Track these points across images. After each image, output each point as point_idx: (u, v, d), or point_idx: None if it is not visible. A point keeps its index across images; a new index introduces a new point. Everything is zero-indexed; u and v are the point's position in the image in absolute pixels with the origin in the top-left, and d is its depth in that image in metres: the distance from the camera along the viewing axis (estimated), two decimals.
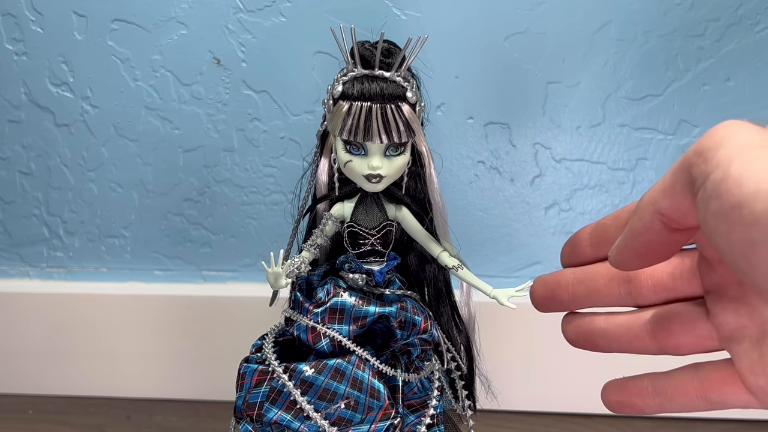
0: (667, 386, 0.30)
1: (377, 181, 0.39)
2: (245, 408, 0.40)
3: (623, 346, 0.33)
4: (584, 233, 0.34)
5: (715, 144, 0.23)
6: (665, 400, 0.30)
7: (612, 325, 0.33)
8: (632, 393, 0.32)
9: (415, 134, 0.38)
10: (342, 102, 0.37)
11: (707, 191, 0.22)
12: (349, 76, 0.38)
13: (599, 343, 0.33)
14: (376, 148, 0.38)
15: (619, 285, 0.32)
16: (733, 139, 0.23)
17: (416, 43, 0.37)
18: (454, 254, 0.42)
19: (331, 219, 0.41)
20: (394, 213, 0.42)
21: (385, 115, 0.37)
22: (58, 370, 0.71)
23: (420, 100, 0.39)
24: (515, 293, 0.40)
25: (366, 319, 0.40)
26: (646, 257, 0.28)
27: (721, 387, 0.28)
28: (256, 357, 0.42)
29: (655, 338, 0.31)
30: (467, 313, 0.46)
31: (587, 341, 0.34)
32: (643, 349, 0.32)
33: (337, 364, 0.39)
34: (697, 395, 0.29)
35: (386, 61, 0.37)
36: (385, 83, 0.37)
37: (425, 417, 0.41)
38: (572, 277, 0.34)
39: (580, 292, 0.33)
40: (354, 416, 0.39)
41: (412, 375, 0.42)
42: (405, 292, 0.43)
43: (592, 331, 0.34)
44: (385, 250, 0.42)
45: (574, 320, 0.35)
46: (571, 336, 0.35)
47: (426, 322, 0.41)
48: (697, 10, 0.58)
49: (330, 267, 0.44)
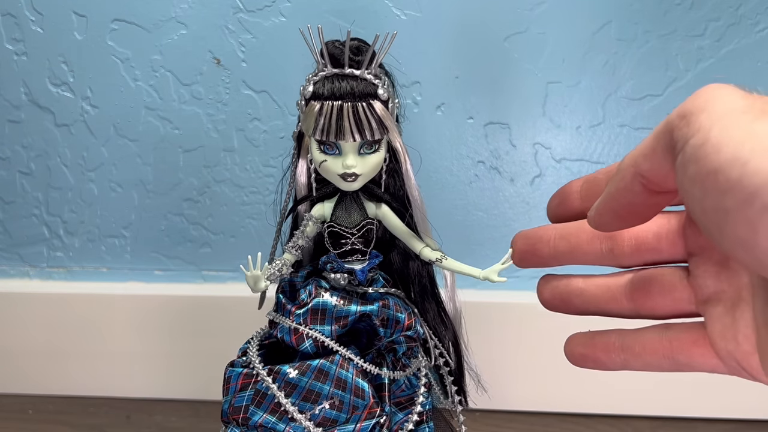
0: (635, 343, 0.30)
1: (353, 180, 0.39)
2: (231, 412, 0.40)
3: (599, 307, 0.32)
4: (575, 186, 0.34)
5: (698, 108, 0.22)
6: (631, 357, 0.30)
7: (590, 286, 0.33)
8: (598, 347, 0.31)
9: (388, 131, 0.38)
10: (314, 102, 0.37)
11: (686, 155, 0.22)
12: (319, 76, 0.38)
13: (575, 303, 0.33)
14: (349, 146, 0.38)
15: (601, 242, 0.32)
16: (716, 103, 0.22)
17: (385, 39, 0.37)
18: (436, 248, 0.42)
19: (311, 220, 0.41)
20: (374, 211, 0.42)
21: (356, 113, 0.37)
22: (58, 370, 0.71)
23: (393, 97, 0.39)
24: (501, 266, 0.40)
25: (348, 318, 0.40)
26: (626, 219, 0.28)
27: (689, 349, 0.28)
28: (241, 361, 0.42)
29: (633, 299, 0.31)
30: (453, 309, 0.46)
31: (563, 301, 0.34)
32: (619, 310, 0.32)
33: (320, 365, 0.39)
34: (664, 354, 0.29)
35: (356, 59, 0.37)
36: (355, 81, 0.37)
37: (413, 414, 0.41)
38: (554, 232, 0.33)
39: (562, 247, 0.33)
40: (339, 416, 0.39)
41: (398, 372, 0.42)
42: (388, 290, 0.43)
43: (568, 292, 0.33)
44: (367, 248, 0.42)
45: (550, 281, 0.34)
46: (547, 296, 0.34)
47: (410, 319, 0.41)
48: (697, 10, 0.58)
49: (313, 268, 0.43)
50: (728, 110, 0.22)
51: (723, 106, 0.22)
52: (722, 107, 0.22)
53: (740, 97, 0.22)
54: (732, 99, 0.22)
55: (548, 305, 0.34)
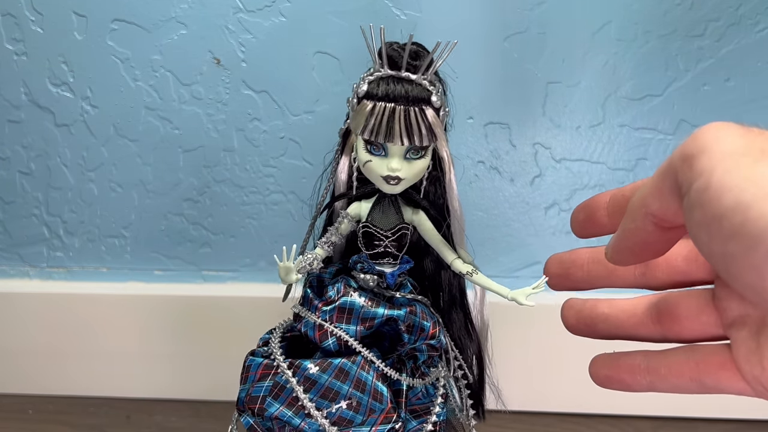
0: (661, 365, 0.30)
1: (395, 183, 0.39)
2: (248, 401, 0.39)
3: (625, 331, 0.32)
4: (601, 200, 0.33)
5: (699, 149, 0.23)
6: (657, 380, 0.30)
7: (615, 310, 0.32)
8: (623, 369, 0.31)
9: (437, 139, 0.38)
10: (366, 101, 0.37)
11: (691, 199, 0.22)
12: (375, 76, 0.37)
13: (600, 328, 0.33)
14: (396, 149, 0.38)
15: (635, 267, 0.32)
16: (715, 144, 0.22)
17: (445, 47, 0.37)
18: (469, 261, 0.42)
19: (347, 218, 0.41)
20: (410, 216, 0.42)
21: (408, 118, 0.37)
22: (58, 370, 0.71)
23: (445, 105, 0.39)
24: (532, 291, 0.39)
25: (374, 320, 0.40)
26: (641, 255, 0.28)
27: (716, 372, 0.28)
28: (262, 351, 0.42)
29: (660, 323, 0.31)
30: (480, 322, 0.46)
31: (588, 326, 0.34)
32: (645, 334, 0.31)
33: (341, 364, 0.39)
34: (691, 377, 0.29)
35: (413, 64, 0.37)
36: (410, 86, 0.37)
37: (427, 423, 0.41)
38: (588, 255, 0.34)
39: (596, 271, 0.33)
40: (355, 417, 0.38)
41: (417, 380, 0.41)
42: (416, 297, 0.43)
43: (594, 316, 0.33)
44: (399, 252, 0.42)
45: (575, 305, 0.34)
46: (572, 321, 0.34)
47: (434, 328, 0.41)
48: (697, 10, 0.58)
49: (342, 266, 0.43)
50: (728, 152, 0.22)
51: (722, 147, 0.22)
52: (722, 149, 0.22)
53: (739, 136, 0.22)
54: (731, 140, 0.22)
55: (573, 330, 0.35)
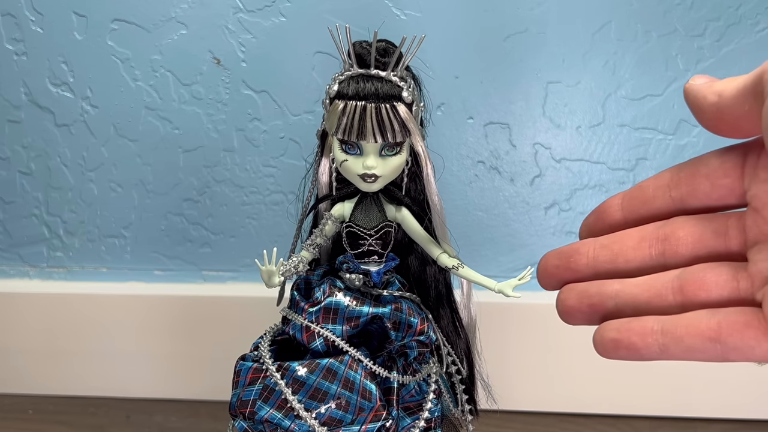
0: (677, 326, 0.27)
1: (372, 181, 0.39)
2: (239, 405, 0.40)
3: (637, 307, 0.29)
4: (613, 201, 0.32)
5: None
6: (671, 342, 0.27)
7: (628, 285, 0.30)
8: (634, 331, 0.28)
9: (411, 134, 0.38)
10: (338, 101, 0.37)
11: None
12: (345, 76, 0.38)
13: (608, 306, 0.30)
14: (370, 147, 0.38)
15: (651, 245, 0.29)
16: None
17: (412, 42, 0.37)
18: (454, 255, 0.42)
19: (330, 219, 0.41)
20: (393, 214, 0.42)
21: (379, 115, 0.37)
22: (58, 370, 0.71)
23: (418, 100, 0.39)
24: (518, 282, 0.39)
25: (359, 319, 0.40)
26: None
27: (741, 330, 0.26)
28: (252, 355, 0.42)
29: (682, 293, 0.28)
30: (467, 317, 0.46)
31: (592, 307, 0.30)
32: (662, 307, 0.28)
33: (329, 364, 0.39)
34: (711, 337, 0.26)
35: (382, 60, 0.37)
36: (380, 83, 0.37)
37: (420, 420, 0.41)
38: (593, 243, 0.31)
39: (603, 256, 0.31)
40: (345, 417, 0.39)
41: (408, 377, 0.42)
42: (403, 294, 0.43)
43: (601, 294, 0.30)
44: (384, 251, 0.42)
45: (577, 287, 0.31)
46: (572, 303, 0.31)
47: (422, 324, 0.41)
48: (697, 10, 0.58)
49: (330, 267, 0.44)
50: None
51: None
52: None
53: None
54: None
55: (571, 313, 0.31)
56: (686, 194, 0.29)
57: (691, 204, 0.29)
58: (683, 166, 0.30)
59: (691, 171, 0.29)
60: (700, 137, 0.61)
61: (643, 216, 0.31)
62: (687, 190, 0.29)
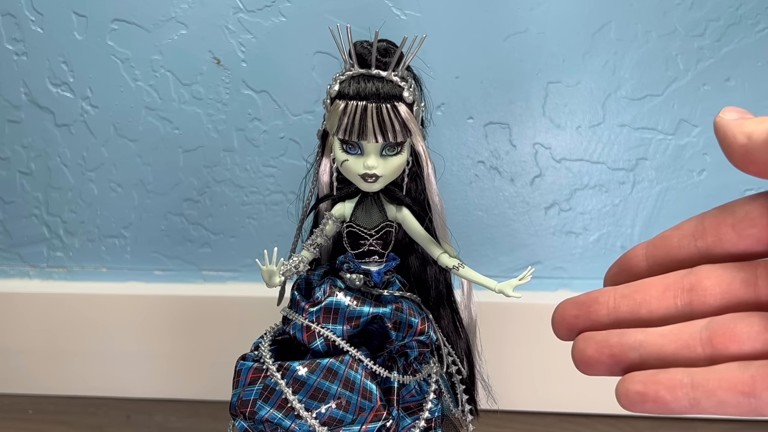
0: (709, 379, 0.26)
1: (373, 181, 0.39)
2: (239, 405, 0.40)
3: (663, 359, 0.28)
4: (636, 250, 0.31)
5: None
6: (702, 396, 0.26)
7: (653, 336, 0.28)
8: (661, 384, 0.27)
9: (411, 134, 0.38)
10: (338, 101, 0.37)
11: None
12: (346, 76, 0.38)
13: (632, 357, 0.29)
14: (371, 147, 0.38)
15: (676, 296, 0.28)
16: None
17: (413, 42, 0.37)
18: (454, 255, 0.42)
19: (331, 219, 0.41)
20: (394, 214, 0.42)
21: (380, 115, 0.37)
22: (58, 370, 0.71)
23: (419, 100, 0.39)
24: (519, 282, 0.39)
25: (360, 319, 0.40)
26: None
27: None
28: (252, 355, 0.42)
29: (712, 344, 0.27)
30: (468, 317, 0.46)
31: (613, 357, 0.29)
32: (692, 360, 0.27)
33: (329, 364, 0.39)
34: (744, 391, 0.25)
35: (383, 60, 0.37)
36: (381, 82, 0.37)
37: (420, 420, 0.41)
38: (614, 292, 0.30)
39: (624, 306, 0.29)
40: (345, 416, 0.39)
41: (408, 377, 0.41)
42: (403, 294, 0.43)
43: (622, 344, 0.29)
44: (385, 250, 0.42)
45: (595, 336, 0.30)
46: (592, 353, 0.30)
47: (423, 324, 0.41)
48: (697, 10, 0.58)
49: (330, 267, 0.44)
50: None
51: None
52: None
53: None
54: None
55: (591, 364, 0.30)
56: (712, 244, 0.29)
57: (716, 252, 0.29)
58: (707, 216, 0.29)
59: (716, 221, 0.29)
60: (700, 137, 0.61)
61: (668, 266, 0.30)
62: (713, 240, 0.29)
